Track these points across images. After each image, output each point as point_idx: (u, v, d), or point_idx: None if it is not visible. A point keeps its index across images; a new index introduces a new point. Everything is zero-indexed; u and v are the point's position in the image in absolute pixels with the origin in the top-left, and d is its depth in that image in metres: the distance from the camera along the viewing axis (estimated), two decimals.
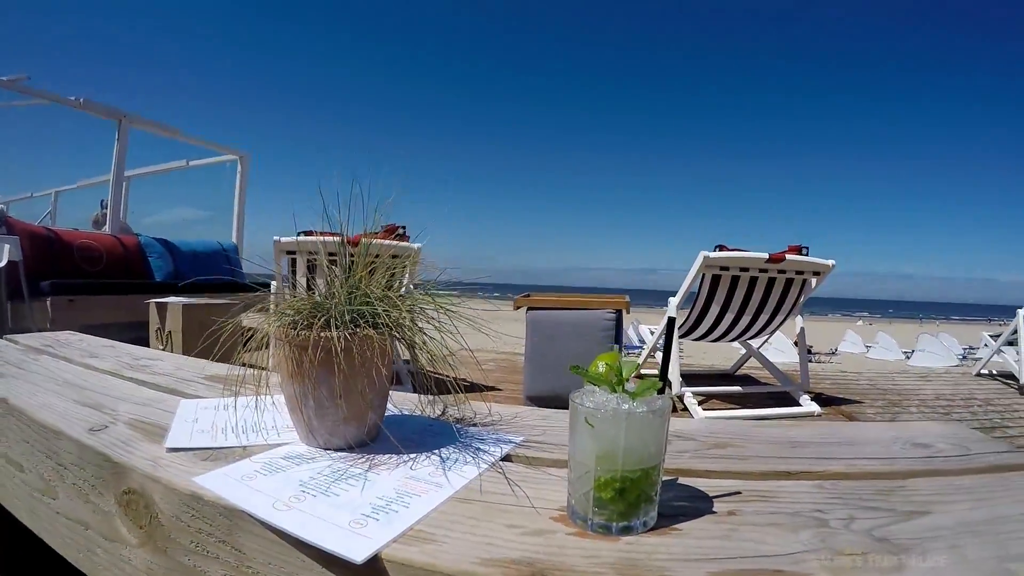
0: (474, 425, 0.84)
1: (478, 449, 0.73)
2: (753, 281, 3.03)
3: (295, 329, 0.67)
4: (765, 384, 3.60)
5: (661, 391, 0.55)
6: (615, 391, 0.54)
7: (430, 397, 0.85)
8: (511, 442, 0.76)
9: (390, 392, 0.78)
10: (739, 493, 0.61)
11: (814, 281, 3.13)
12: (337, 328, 0.66)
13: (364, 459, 0.68)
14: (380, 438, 0.74)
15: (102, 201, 6.74)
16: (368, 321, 0.69)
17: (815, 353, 14.57)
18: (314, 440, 0.71)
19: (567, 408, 0.56)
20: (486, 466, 0.68)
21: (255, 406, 0.79)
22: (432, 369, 0.74)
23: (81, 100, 5.02)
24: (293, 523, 0.51)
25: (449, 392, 0.79)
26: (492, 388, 3.34)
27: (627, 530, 0.53)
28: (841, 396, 3.49)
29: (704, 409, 2.92)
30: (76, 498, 0.73)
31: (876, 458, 0.74)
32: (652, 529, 0.54)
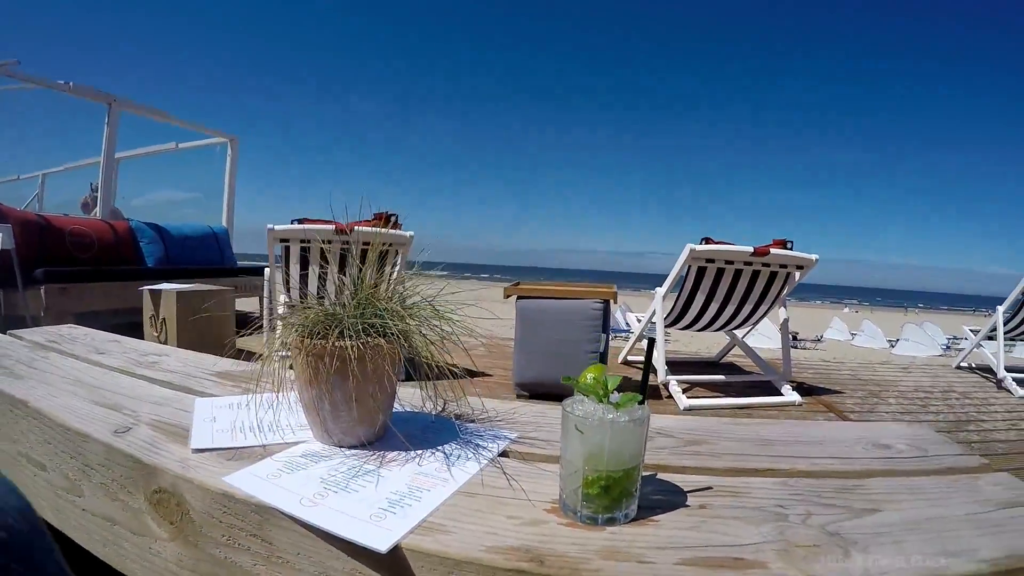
0: (472, 421, 0.91)
1: (478, 445, 0.80)
2: (738, 273, 3.11)
3: (311, 339, 0.73)
4: (749, 373, 3.70)
5: (641, 403, 0.62)
6: (601, 401, 0.61)
7: (430, 393, 0.91)
8: (507, 438, 0.83)
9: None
10: (710, 488, 0.69)
11: (798, 274, 3.21)
12: (350, 338, 0.72)
13: (376, 456, 0.75)
14: (388, 435, 0.80)
15: (91, 184, 6.70)
16: (378, 331, 0.75)
17: (801, 339, 14.82)
18: (329, 439, 0.77)
19: (555, 394, 0.63)
20: (486, 461, 0.75)
21: (269, 405, 0.85)
22: (428, 357, 0.79)
23: (71, 84, 4.99)
24: (321, 518, 0.58)
25: (444, 378, 0.82)
26: (483, 374, 3.42)
27: (611, 521, 0.60)
28: (822, 386, 3.59)
29: (688, 397, 3.01)
30: (103, 496, 0.78)
31: (839, 457, 0.81)
32: (633, 520, 0.61)
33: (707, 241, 3.10)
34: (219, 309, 3.71)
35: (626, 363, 3.96)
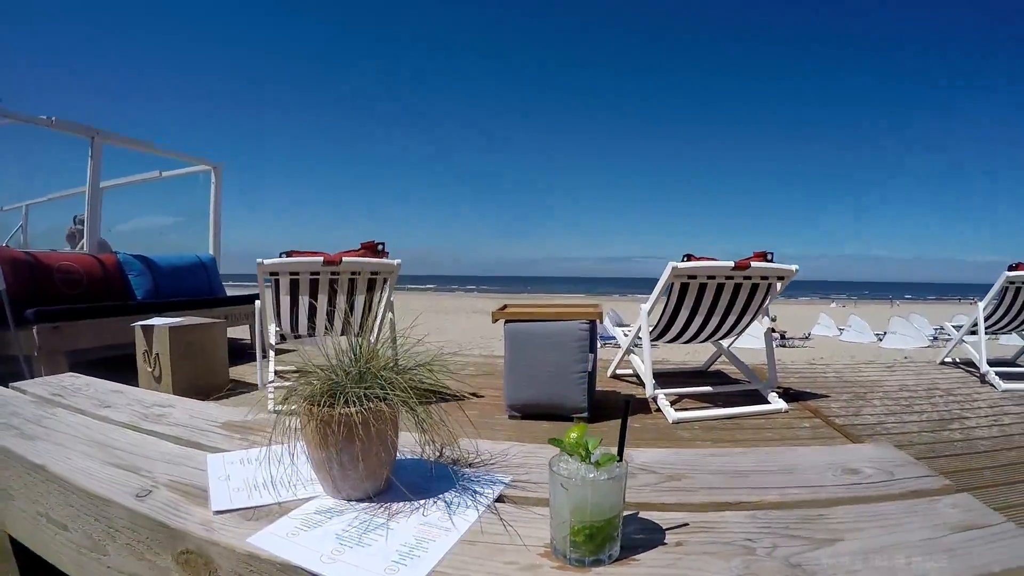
0: (469, 466, 0.97)
1: (475, 492, 0.86)
2: (720, 287, 3.20)
3: (319, 407, 0.80)
4: (736, 381, 3.79)
5: (619, 461, 0.69)
6: (584, 461, 0.68)
7: (427, 440, 0.97)
8: (501, 482, 0.90)
9: None
10: (687, 525, 0.75)
11: (779, 285, 3.31)
12: (354, 404, 0.79)
13: (383, 508, 0.81)
14: (392, 487, 0.87)
15: (75, 217, 6.72)
16: (379, 396, 0.82)
17: (789, 338, 15.00)
18: (339, 494, 0.84)
19: (545, 415, 0.71)
20: (483, 508, 0.81)
21: (279, 460, 0.91)
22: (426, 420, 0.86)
23: (53, 119, 5.02)
24: (341, 573, 0.65)
25: (436, 402, 0.88)
26: (474, 395, 3.48)
27: (597, 563, 0.67)
28: (808, 391, 3.67)
29: (676, 409, 3.09)
30: (128, 555, 0.83)
31: (807, 486, 0.87)
32: (617, 560, 0.68)
33: (689, 258, 3.19)
34: (211, 341, 3.74)
35: (615, 377, 4.04)
